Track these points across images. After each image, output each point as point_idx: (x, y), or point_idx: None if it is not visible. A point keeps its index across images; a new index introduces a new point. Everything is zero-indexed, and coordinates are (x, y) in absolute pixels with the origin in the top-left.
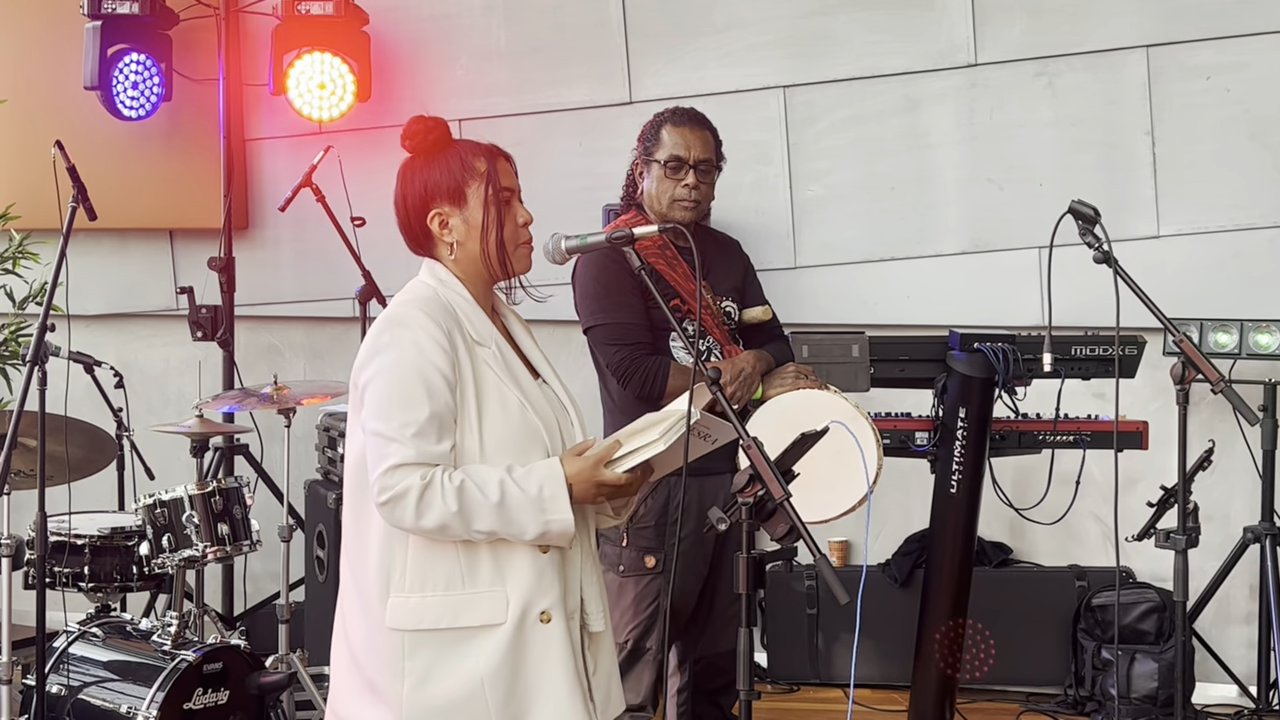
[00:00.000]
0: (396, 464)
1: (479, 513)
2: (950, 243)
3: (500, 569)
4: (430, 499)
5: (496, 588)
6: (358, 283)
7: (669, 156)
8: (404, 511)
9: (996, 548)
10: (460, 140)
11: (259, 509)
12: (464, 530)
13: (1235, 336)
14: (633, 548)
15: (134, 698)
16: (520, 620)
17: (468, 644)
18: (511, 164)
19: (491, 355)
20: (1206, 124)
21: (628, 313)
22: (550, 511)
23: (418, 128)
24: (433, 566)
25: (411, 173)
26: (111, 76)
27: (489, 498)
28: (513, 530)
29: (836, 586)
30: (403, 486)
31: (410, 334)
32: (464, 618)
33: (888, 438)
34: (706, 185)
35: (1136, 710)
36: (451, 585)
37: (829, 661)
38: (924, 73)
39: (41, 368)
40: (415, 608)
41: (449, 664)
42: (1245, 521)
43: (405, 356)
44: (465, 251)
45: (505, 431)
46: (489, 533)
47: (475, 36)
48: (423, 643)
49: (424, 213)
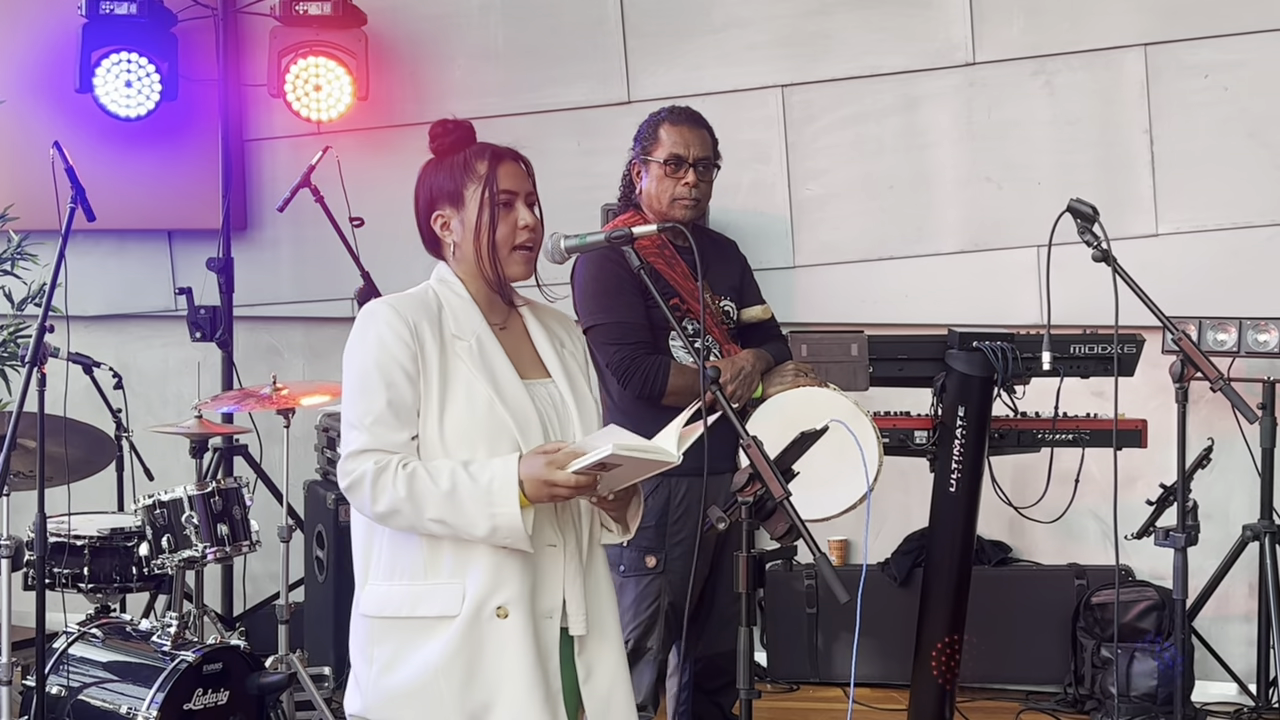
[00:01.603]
0: (355, 450)
1: (428, 500)
2: (949, 242)
3: (461, 561)
4: (383, 484)
5: (455, 580)
6: (356, 283)
7: (669, 155)
8: (361, 497)
9: (996, 546)
10: (478, 143)
11: (258, 510)
12: (415, 517)
13: (1234, 335)
14: (633, 548)
15: (134, 698)
16: (475, 614)
17: (425, 634)
18: (522, 165)
19: (467, 349)
20: (1205, 122)
21: (627, 312)
22: (498, 504)
23: (439, 130)
24: (403, 556)
25: (424, 176)
26: (93, 78)
27: (439, 486)
28: (463, 522)
29: (836, 585)
30: (359, 472)
31: (374, 328)
32: (421, 608)
33: (887, 436)
34: (706, 184)
35: (1136, 708)
36: (416, 575)
37: (829, 661)
38: (922, 72)
39: (40, 369)
40: (383, 595)
41: (407, 653)
42: (1244, 519)
43: (368, 350)
44: (463, 253)
45: (468, 423)
46: (440, 521)
47: (473, 36)
48: (388, 630)
49: (429, 214)
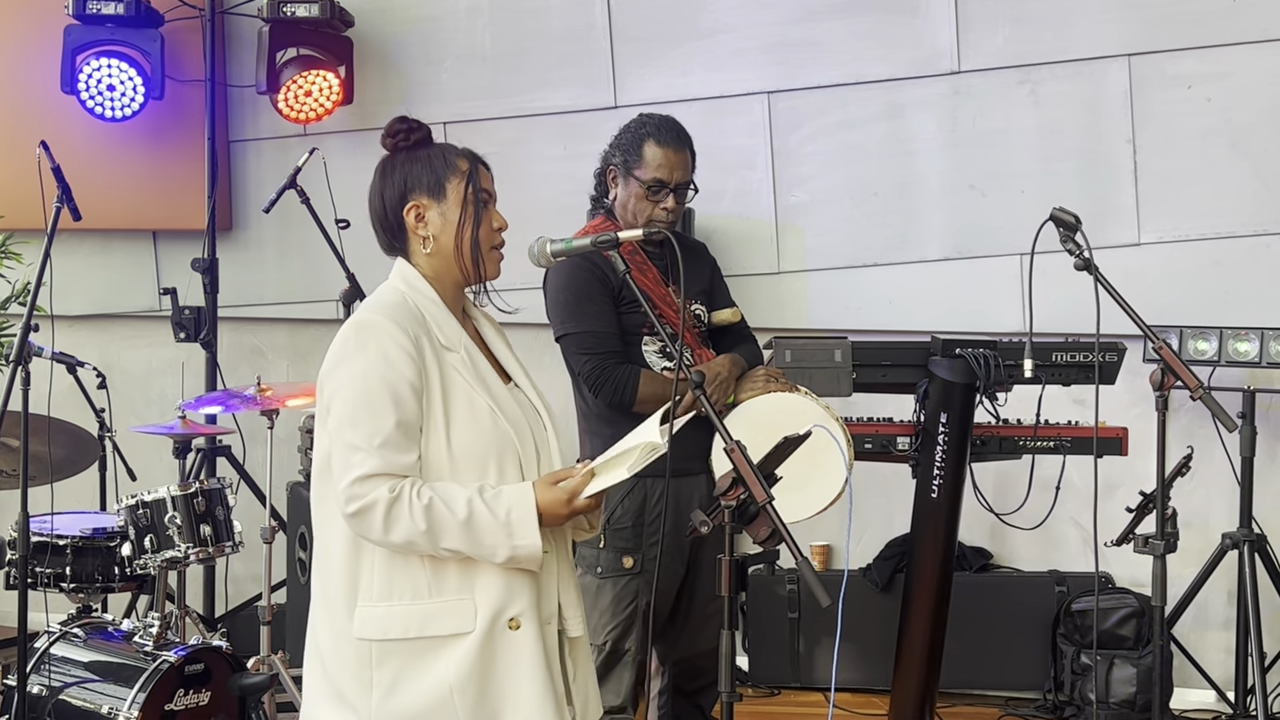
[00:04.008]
0: (364, 475)
1: (446, 531)
2: (933, 249)
3: (468, 578)
4: (398, 514)
5: (464, 596)
6: (342, 285)
7: (652, 179)
8: (371, 524)
9: (977, 552)
10: (441, 143)
11: (241, 510)
12: (431, 548)
13: (1214, 343)
14: (610, 549)
15: (115, 698)
16: (489, 628)
17: (436, 653)
18: (490, 172)
19: (460, 360)
20: (1187, 133)
21: (598, 321)
22: (518, 536)
23: (400, 127)
24: (399, 576)
25: (392, 167)
26: (77, 80)
27: (456, 515)
28: (481, 552)
29: (818, 589)
30: (370, 499)
31: (377, 341)
32: (431, 627)
33: (869, 442)
34: (681, 205)
35: (1115, 715)
36: (419, 595)
37: (810, 665)
38: (907, 80)
39: (25, 368)
40: (382, 617)
41: (417, 673)
42: (1224, 528)
43: (372, 365)
44: (439, 247)
45: (475, 438)
46: (456, 551)
47: (460, 39)
48: (390, 652)
49: (401, 205)
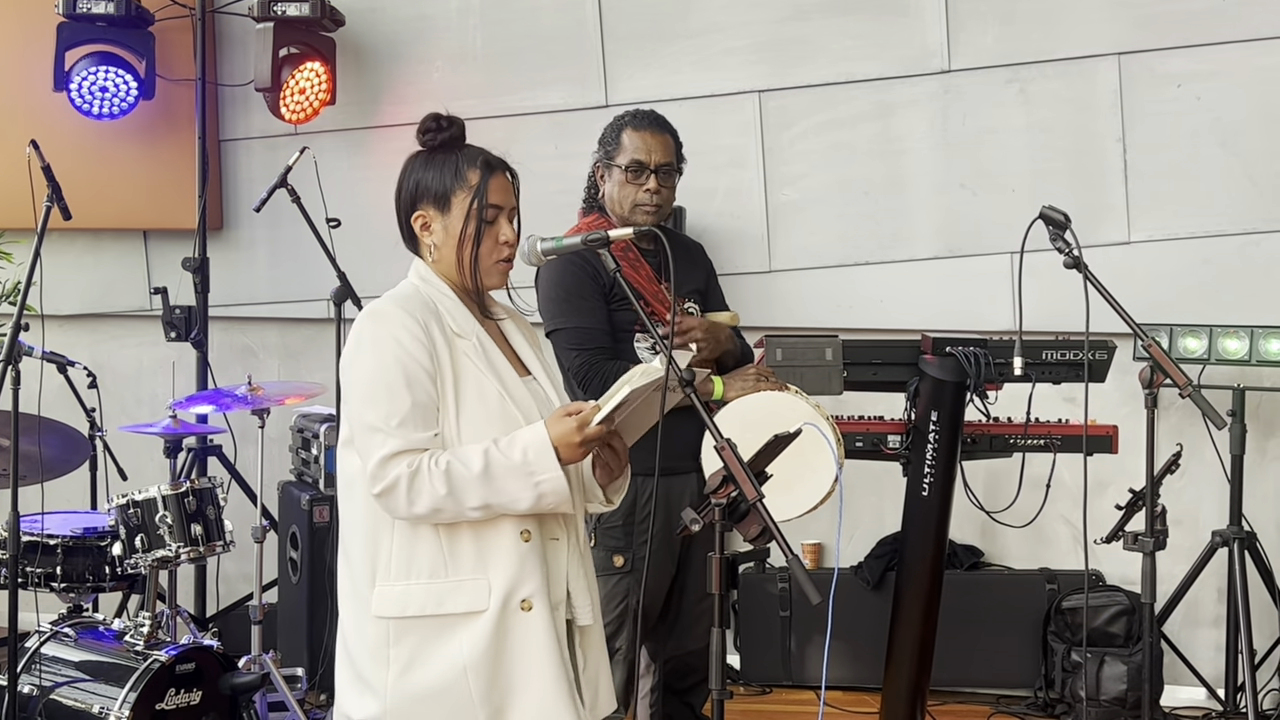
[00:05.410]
0: (386, 455)
1: (467, 488)
2: (923, 247)
3: (483, 556)
4: (419, 485)
5: (479, 575)
6: (332, 284)
7: (630, 161)
8: (397, 500)
9: (968, 550)
10: (470, 146)
11: (232, 510)
12: (457, 510)
13: (1204, 342)
14: (601, 547)
15: (106, 698)
16: (502, 607)
17: (451, 631)
18: (511, 180)
19: (471, 347)
20: (1177, 131)
21: (589, 317)
22: (539, 473)
23: (430, 124)
24: (416, 554)
25: (410, 168)
26: (68, 79)
27: (472, 470)
28: (504, 499)
29: (809, 587)
30: (393, 476)
31: (387, 328)
32: (447, 604)
33: (860, 440)
34: (667, 189)
35: (1105, 712)
36: (435, 573)
37: (801, 663)
38: (898, 79)
39: (15, 367)
40: (400, 595)
41: (432, 651)
42: (1214, 525)
43: (384, 350)
44: (442, 256)
45: (483, 421)
46: (482, 508)
47: (451, 38)
48: (408, 630)
49: (410, 211)
